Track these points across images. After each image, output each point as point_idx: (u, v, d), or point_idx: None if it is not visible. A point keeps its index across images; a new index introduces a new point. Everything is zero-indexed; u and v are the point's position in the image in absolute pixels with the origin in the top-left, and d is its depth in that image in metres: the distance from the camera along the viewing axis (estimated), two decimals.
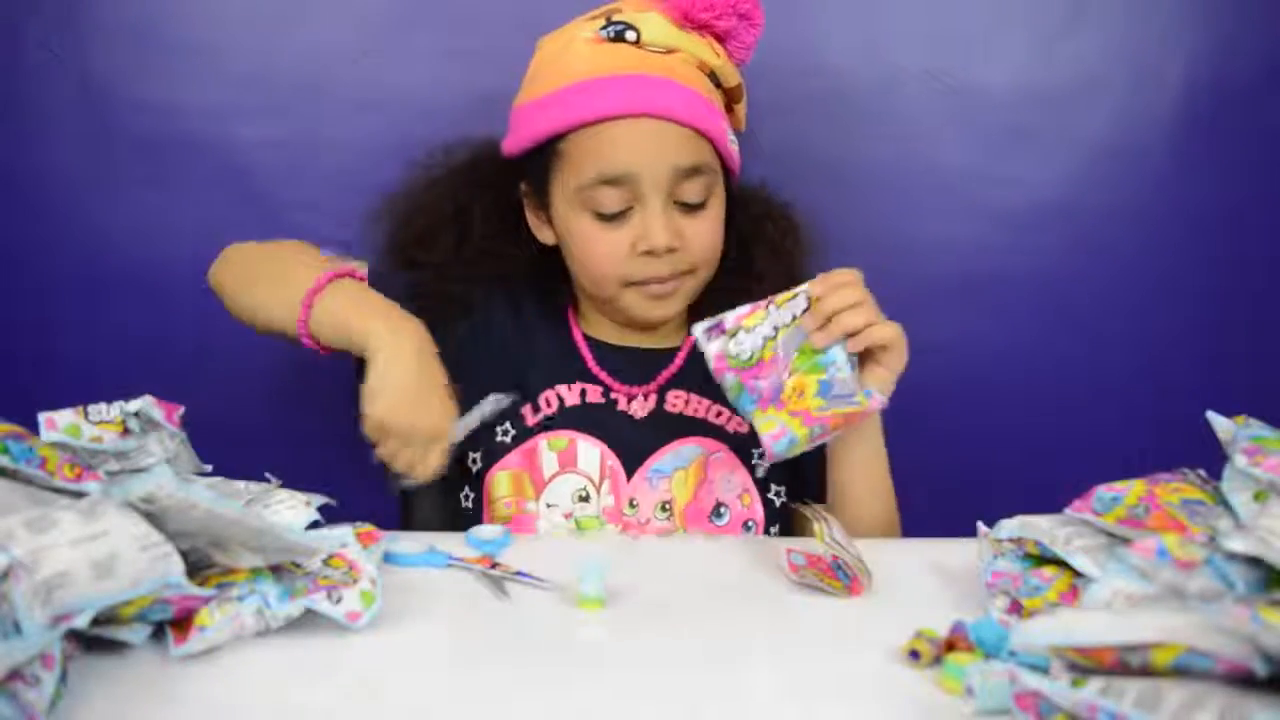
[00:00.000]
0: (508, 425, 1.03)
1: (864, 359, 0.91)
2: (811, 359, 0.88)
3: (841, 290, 0.89)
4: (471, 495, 1.05)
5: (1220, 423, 0.74)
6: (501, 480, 1.02)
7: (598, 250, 0.99)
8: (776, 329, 0.88)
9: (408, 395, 0.90)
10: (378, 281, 1.09)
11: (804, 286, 0.90)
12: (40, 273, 1.31)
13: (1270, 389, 1.31)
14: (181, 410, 0.84)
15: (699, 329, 0.89)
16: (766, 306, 0.89)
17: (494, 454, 1.03)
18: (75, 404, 0.78)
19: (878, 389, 0.90)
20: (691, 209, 0.99)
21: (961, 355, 1.36)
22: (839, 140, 1.32)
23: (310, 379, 1.32)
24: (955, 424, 1.37)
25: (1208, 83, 1.31)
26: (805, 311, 0.89)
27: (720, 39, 1.02)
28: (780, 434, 0.86)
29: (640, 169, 0.96)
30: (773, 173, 1.14)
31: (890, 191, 1.33)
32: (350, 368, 1.15)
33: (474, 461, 1.04)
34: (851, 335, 0.89)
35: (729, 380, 0.88)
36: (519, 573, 0.81)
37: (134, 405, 0.80)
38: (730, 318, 0.89)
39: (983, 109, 1.31)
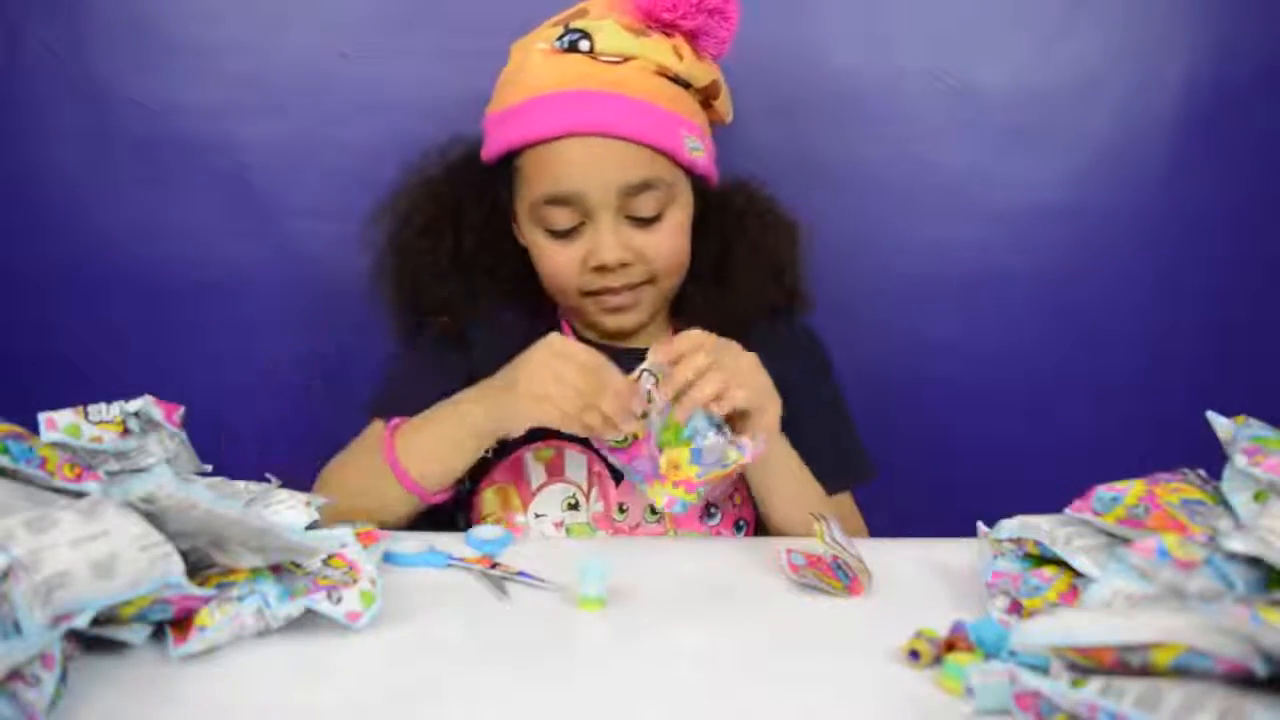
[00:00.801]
0: None
1: (733, 417, 0.89)
2: (677, 433, 0.87)
3: (687, 360, 0.86)
4: (462, 518, 1.05)
5: (1220, 423, 0.74)
6: (489, 498, 1.02)
7: (553, 265, 1.00)
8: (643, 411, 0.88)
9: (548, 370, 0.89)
10: (378, 282, 1.09)
11: (647, 365, 0.88)
12: (40, 273, 1.31)
13: (1270, 389, 1.31)
14: (181, 410, 0.84)
15: None
16: None
17: (478, 472, 1.02)
18: (75, 404, 0.78)
19: (750, 437, 0.88)
20: (646, 222, 0.98)
21: (961, 355, 1.36)
22: (840, 141, 1.32)
23: (311, 379, 1.33)
24: (955, 423, 1.37)
25: (1208, 83, 1.31)
26: (655, 386, 0.88)
27: (691, 37, 1.01)
28: (672, 502, 0.88)
29: (586, 188, 0.96)
30: (774, 173, 1.14)
31: (891, 192, 1.33)
32: (348, 368, 1.15)
33: (461, 482, 1.03)
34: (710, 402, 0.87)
35: (612, 459, 0.90)
36: (520, 573, 0.81)
37: (134, 405, 0.80)
38: None
39: (983, 109, 1.31)
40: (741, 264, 1.06)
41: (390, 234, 1.07)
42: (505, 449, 1.02)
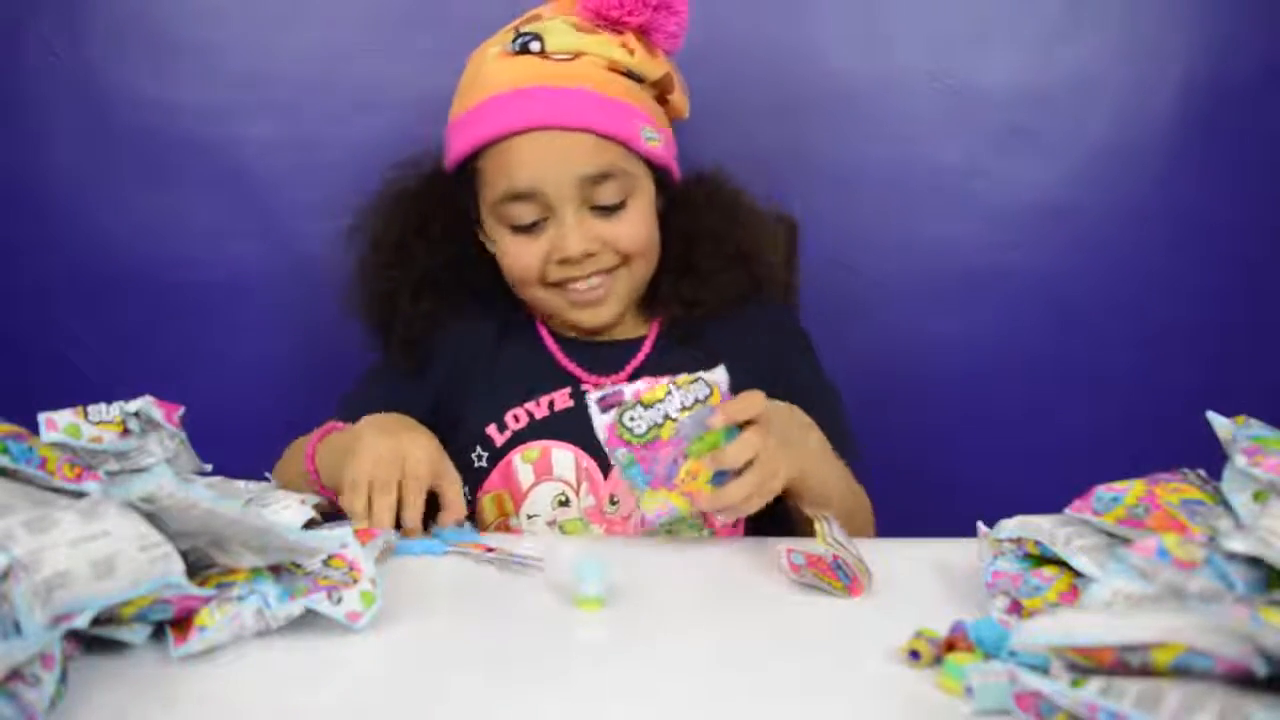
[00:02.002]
0: (479, 450, 1.03)
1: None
2: (710, 447, 0.83)
3: (735, 448, 0.82)
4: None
5: (1220, 423, 0.74)
6: (486, 505, 1.03)
7: (517, 261, 1.01)
8: (681, 408, 0.83)
9: (365, 452, 0.86)
10: (350, 302, 1.09)
11: (705, 375, 0.84)
12: (40, 273, 1.31)
13: (1270, 389, 1.32)
14: (181, 410, 0.84)
15: (593, 397, 0.83)
16: (668, 384, 0.84)
17: (476, 481, 1.03)
18: (75, 404, 0.78)
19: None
20: (610, 210, 0.99)
21: (961, 355, 1.36)
22: (840, 141, 1.32)
23: (311, 378, 1.33)
24: (955, 423, 1.38)
25: (1207, 83, 1.31)
26: (708, 398, 0.84)
27: (640, 32, 1.02)
28: (664, 511, 0.85)
29: (544, 182, 0.97)
30: (774, 173, 1.15)
31: (891, 192, 1.33)
32: (355, 366, 1.15)
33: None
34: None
35: (621, 455, 0.84)
36: (515, 556, 0.81)
37: (134, 405, 0.80)
38: (628, 391, 0.83)
39: (983, 109, 1.32)
40: (707, 255, 1.06)
41: (361, 257, 1.08)
42: (496, 456, 1.02)
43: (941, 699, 0.62)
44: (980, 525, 0.79)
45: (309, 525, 0.78)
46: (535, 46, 0.99)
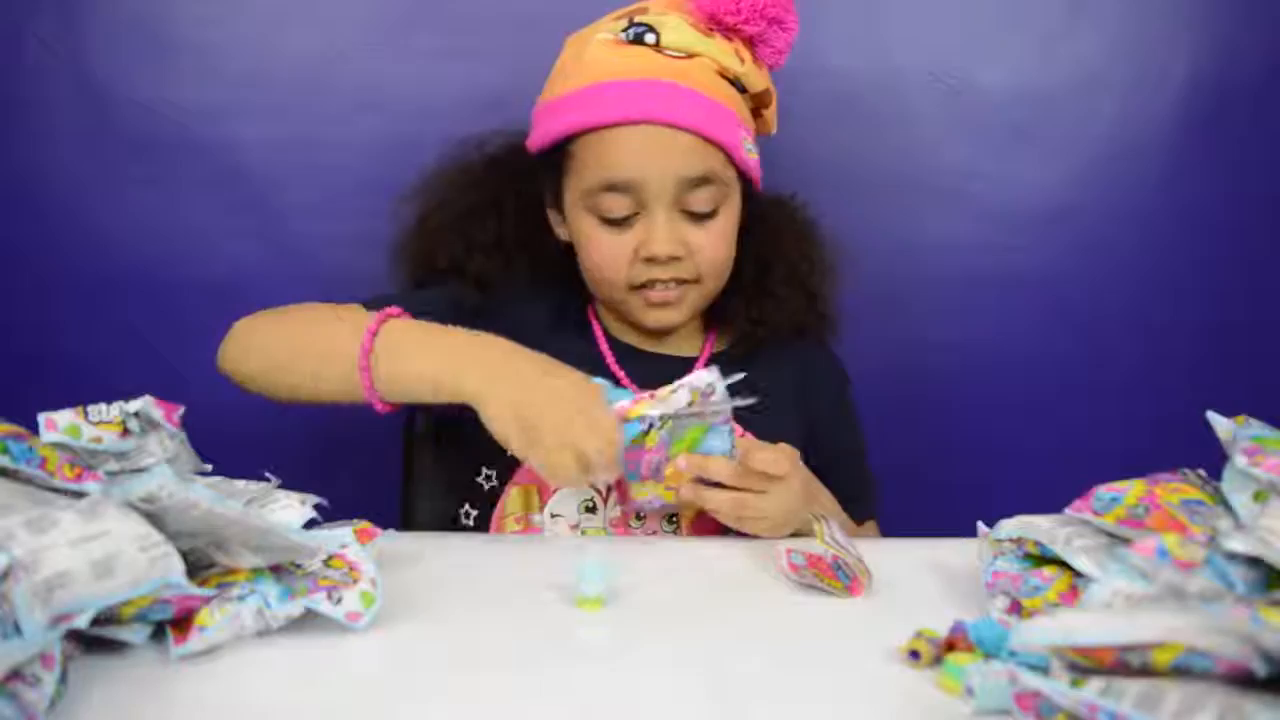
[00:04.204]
0: None
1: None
2: (692, 445, 0.87)
3: (715, 466, 0.87)
4: (474, 514, 1.04)
5: (1220, 423, 0.74)
6: (514, 497, 1.02)
7: (601, 254, 0.99)
8: (662, 418, 0.86)
9: (556, 425, 0.82)
10: (405, 254, 1.07)
11: (687, 380, 0.87)
12: (40, 273, 1.31)
13: (1270, 389, 1.32)
14: (181, 410, 0.84)
15: None
16: (647, 399, 0.87)
17: (508, 471, 1.01)
18: (75, 404, 0.78)
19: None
20: (699, 218, 0.98)
21: (961, 355, 1.36)
22: (841, 142, 1.32)
23: None
24: (956, 423, 1.38)
25: (1208, 83, 1.31)
26: (689, 405, 0.86)
27: (750, 43, 1.01)
28: (654, 499, 0.91)
29: (644, 177, 0.96)
30: (774, 174, 1.14)
31: (892, 192, 1.33)
32: None
33: (487, 478, 1.03)
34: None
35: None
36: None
37: (134, 405, 0.80)
38: (615, 407, 0.86)
39: (984, 109, 1.32)
40: (778, 280, 1.06)
41: (424, 214, 1.07)
42: None
43: (941, 699, 0.62)
44: (980, 525, 0.79)
45: (309, 525, 0.78)
46: (650, 39, 0.97)
